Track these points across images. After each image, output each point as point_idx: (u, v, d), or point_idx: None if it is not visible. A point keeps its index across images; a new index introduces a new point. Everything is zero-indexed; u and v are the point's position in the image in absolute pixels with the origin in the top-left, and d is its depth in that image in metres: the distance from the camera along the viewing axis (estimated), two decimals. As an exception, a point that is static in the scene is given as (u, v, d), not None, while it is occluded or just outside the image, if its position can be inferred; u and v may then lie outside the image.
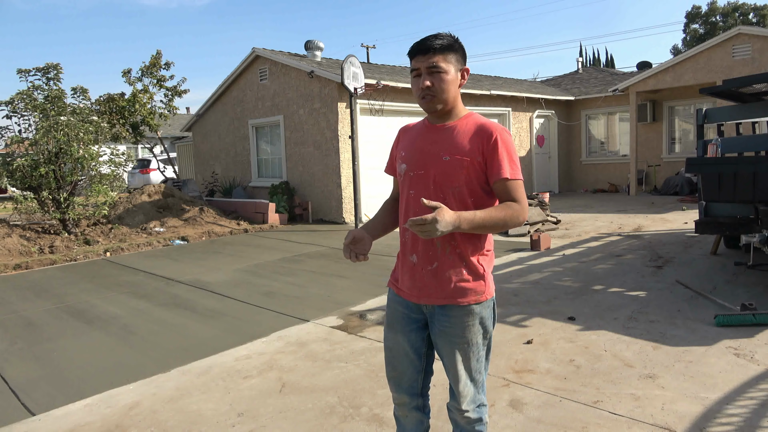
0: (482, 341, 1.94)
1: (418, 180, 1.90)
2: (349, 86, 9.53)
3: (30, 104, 9.57)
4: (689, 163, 5.61)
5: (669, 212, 10.47)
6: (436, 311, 1.92)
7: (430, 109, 1.89)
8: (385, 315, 2.09)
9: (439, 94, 1.85)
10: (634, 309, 4.60)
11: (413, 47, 1.86)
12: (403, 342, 2.00)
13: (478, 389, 1.98)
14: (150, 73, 13.75)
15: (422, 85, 1.84)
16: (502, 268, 6.44)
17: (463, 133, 1.87)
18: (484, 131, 1.84)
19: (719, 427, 2.69)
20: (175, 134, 24.41)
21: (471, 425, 2.00)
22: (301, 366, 3.72)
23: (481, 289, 1.89)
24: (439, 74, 1.83)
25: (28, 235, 9.26)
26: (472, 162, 1.82)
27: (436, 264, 1.87)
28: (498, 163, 1.81)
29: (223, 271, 7.00)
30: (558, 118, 15.92)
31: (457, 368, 1.92)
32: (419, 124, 2.04)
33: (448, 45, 1.84)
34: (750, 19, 33.85)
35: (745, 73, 11.33)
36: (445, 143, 1.87)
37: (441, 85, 1.83)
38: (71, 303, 5.75)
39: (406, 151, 1.98)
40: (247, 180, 13.47)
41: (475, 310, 1.89)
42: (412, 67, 1.87)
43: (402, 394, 2.05)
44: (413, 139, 1.98)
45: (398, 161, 2.00)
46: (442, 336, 1.92)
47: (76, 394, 3.46)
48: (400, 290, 2.00)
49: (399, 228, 2.03)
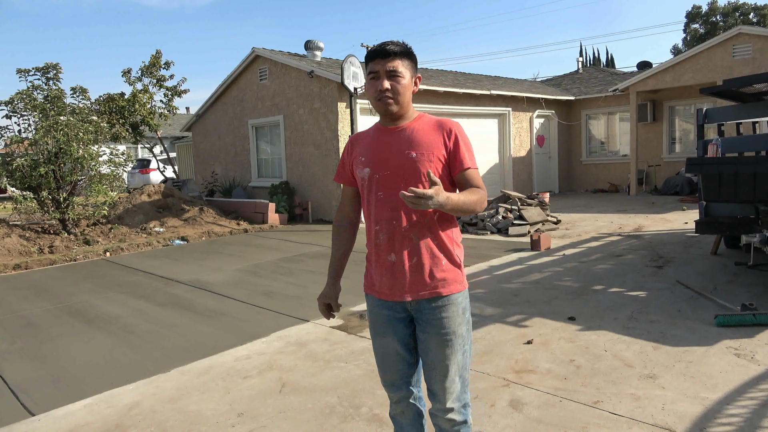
0: (466, 333, 1.99)
1: (385, 180, 1.94)
2: (349, 86, 9.53)
3: (30, 104, 9.56)
4: (689, 163, 5.60)
5: (669, 212, 10.47)
6: (421, 306, 1.94)
7: (386, 111, 1.95)
8: (369, 323, 2.11)
9: (396, 97, 1.93)
10: (634, 309, 4.59)
11: (372, 51, 1.94)
12: (393, 343, 2.02)
13: (464, 387, 2.00)
14: (150, 73, 13.75)
15: (380, 87, 1.91)
16: (502, 268, 6.44)
17: (421, 130, 1.95)
18: (443, 127, 1.95)
19: (719, 427, 2.68)
20: (175, 134, 24.40)
21: (455, 428, 2.00)
22: (301, 366, 3.72)
23: (460, 278, 1.98)
24: (397, 77, 1.92)
25: (28, 235, 9.26)
26: (437, 156, 1.91)
27: (416, 259, 1.92)
28: (461, 155, 1.93)
29: (223, 271, 7.00)
30: (558, 118, 15.91)
31: (446, 362, 1.94)
32: (371, 131, 2.08)
33: (405, 51, 1.95)
34: (750, 18, 33.84)
35: (746, 73, 11.32)
36: (406, 141, 1.94)
37: (398, 88, 1.92)
38: (71, 303, 5.74)
39: (365, 155, 2.00)
40: (247, 180, 13.47)
41: (458, 299, 1.96)
42: (370, 69, 1.94)
43: (397, 390, 2.08)
44: (370, 143, 2.02)
45: (357, 167, 2.02)
46: (429, 330, 1.94)
47: (76, 394, 3.45)
48: (379, 294, 2.01)
49: (367, 233, 2.04)
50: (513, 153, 14.58)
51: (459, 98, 12.81)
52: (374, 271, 2.02)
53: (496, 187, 13.39)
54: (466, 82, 13.93)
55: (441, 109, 12.02)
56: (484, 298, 5.14)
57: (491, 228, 8.96)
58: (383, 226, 1.95)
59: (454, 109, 12.65)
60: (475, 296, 5.21)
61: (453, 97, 12.59)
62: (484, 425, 2.79)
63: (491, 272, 6.23)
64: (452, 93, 12.45)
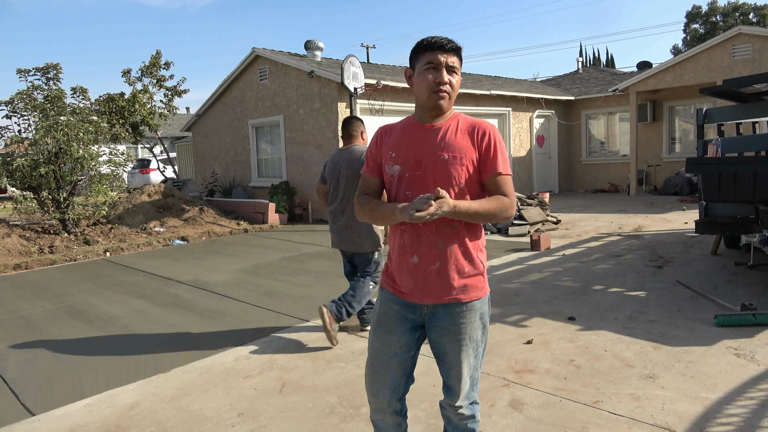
0: (481, 337, 1.97)
1: (414, 180, 1.88)
2: (349, 86, 9.53)
3: (30, 104, 9.56)
4: (689, 163, 5.61)
5: (669, 212, 10.47)
6: (438, 310, 1.92)
7: (438, 105, 1.88)
8: (376, 315, 2.04)
9: (452, 93, 1.89)
10: (634, 309, 4.60)
11: (433, 41, 1.85)
12: (394, 341, 1.97)
13: (473, 387, 2.01)
14: (150, 73, 13.75)
15: (441, 79, 1.84)
16: (502, 268, 6.44)
17: (457, 131, 1.90)
18: (478, 129, 1.90)
19: (719, 427, 2.68)
20: (175, 134, 24.40)
21: (464, 422, 2.03)
22: (301, 366, 3.72)
23: (480, 285, 1.94)
24: (455, 74, 1.89)
25: (28, 235, 9.26)
26: (469, 158, 1.86)
27: (439, 263, 1.88)
28: (493, 159, 1.88)
29: (223, 271, 7.00)
30: (558, 118, 15.91)
31: (461, 366, 1.93)
32: (403, 124, 2.00)
33: (460, 50, 1.90)
34: (750, 18, 33.85)
35: (746, 72, 11.33)
36: (441, 142, 1.88)
37: (455, 84, 1.89)
38: (71, 303, 5.74)
39: (396, 151, 1.93)
40: (247, 180, 13.47)
41: (476, 306, 1.92)
42: (427, 60, 1.85)
43: (381, 398, 2.02)
44: (402, 139, 1.95)
45: (386, 162, 1.95)
46: (446, 334, 1.92)
47: (76, 394, 3.45)
48: (398, 291, 1.97)
49: (391, 230, 2.00)
50: (513, 153, 14.58)
51: (459, 98, 12.76)
52: (395, 270, 1.97)
53: (496, 187, 13.38)
54: (466, 82, 13.92)
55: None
56: (484, 298, 5.14)
57: (491, 228, 8.96)
58: (409, 227, 1.89)
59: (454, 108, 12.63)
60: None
61: (453, 97, 12.57)
62: (484, 425, 2.79)
63: (491, 272, 6.24)
64: (452, 93, 12.44)
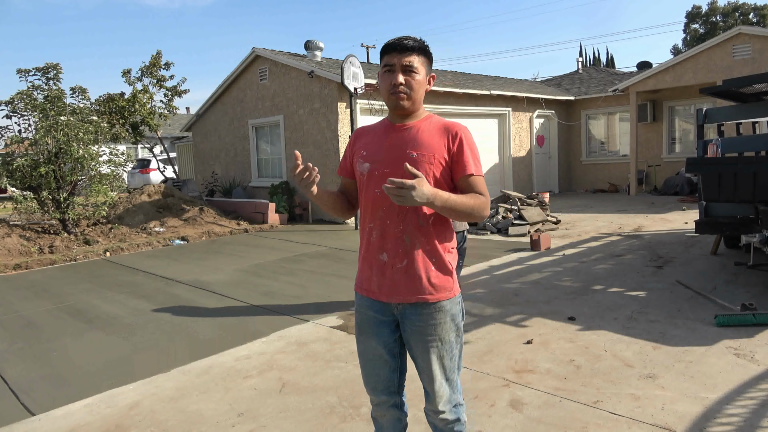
0: (455, 339, 1.96)
1: (383, 178, 1.88)
2: (349, 86, 9.53)
3: (30, 104, 9.56)
4: (689, 163, 5.61)
5: (669, 212, 10.47)
6: (407, 310, 1.92)
7: (397, 106, 1.91)
8: (355, 323, 2.08)
9: (410, 92, 1.89)
10: (634, 309, 4.60)
11: (389, 44, 1.90)
12: (377, 345, 1.99)
13: (453, 389, 1.99)
14: (150, 73, 13.75)
15: (395, 81, 1.87)
16: (502, 268, 6.44)
17: (427, 131, 1.91)
18: (449, 130, 1.91)
19: (719, 427, 2.68)
20: (175, 134, 24.40)
21: (449, 426, 2.02)
22: (301, 366, 3.72)
23: (449, 285, 1.93)
24: (413, 73, 1.88)
25: (28, 235, 9.26)
26: (438, 159, 1.87)
27: (406, 261, 1.89)
28: (464, 160, 1.88)
29: (223, 271, 7.00)
30: (558, 118, 15.92)
31: (432, 368, 1.93)
32: (378, 125, 2.04)
33: (421, 48, 1.90)
34: (750, 19, 33.85)
35: (745, 73, 11.32)
36: (410, 141, 1.90)
37: (412, 83, 1.88)
38: (71, 303, 5.74)
39: (368, 150, 1.97)
40: (247, 180, 13.47)
41: (446, 306, 1.92)
42: (385, 63, 1.90)
43: (379, 395, 2.06)
44: (374, 138, 1.99)
45: (358, 161, 1.99)
46: (415, 335, 1.93)
47: (76, 394, 3.45)
48: (368, 291, 1.98)
49: (361, 230, 2.03)
50: (513, 153, 14.58)
51: (459, 98, 12.81)
52: (365, 269, 2.00)
53: (495, 187, 13.40)
54: (466, 82, 13.93)
55: (440, 109, 12.01)
56: (484, 298, 5.15)
57: (491, 228, 8.96)
58: (377, 224, 1.92)
59: (454, 109, 12.65)
60: (475, 296, 5.21)
61: (453, 97, 12.59)
62: (484, 425, 2.79)
63: (491, 272, 6.24)
64: (452, 93, 12.45)
